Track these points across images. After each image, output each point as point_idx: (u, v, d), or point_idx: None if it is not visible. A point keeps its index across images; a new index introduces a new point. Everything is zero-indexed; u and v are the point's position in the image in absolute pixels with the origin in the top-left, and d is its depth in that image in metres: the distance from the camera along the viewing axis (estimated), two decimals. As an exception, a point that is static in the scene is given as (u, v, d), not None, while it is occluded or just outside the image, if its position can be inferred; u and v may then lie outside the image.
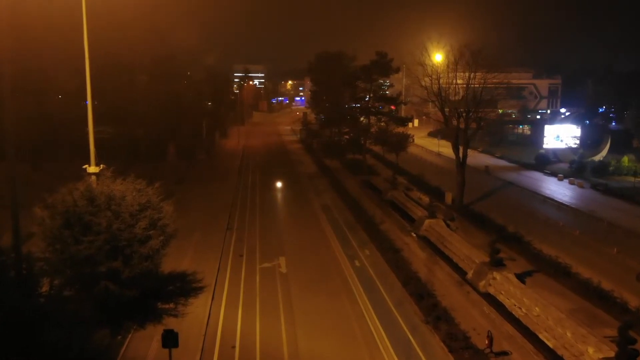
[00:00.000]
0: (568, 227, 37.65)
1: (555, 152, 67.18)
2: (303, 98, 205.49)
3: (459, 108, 40.94)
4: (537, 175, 59.34)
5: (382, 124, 61.21)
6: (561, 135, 69.16)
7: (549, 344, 20.68)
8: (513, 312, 23.51)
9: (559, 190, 50.83)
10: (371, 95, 60.69)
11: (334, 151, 70.28)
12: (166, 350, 17.50)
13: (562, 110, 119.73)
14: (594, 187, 51.43)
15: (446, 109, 42.02)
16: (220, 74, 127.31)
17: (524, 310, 23.14)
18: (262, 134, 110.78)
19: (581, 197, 48.25)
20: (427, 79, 41.61)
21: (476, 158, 63.87)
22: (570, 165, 60.01)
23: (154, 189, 23.23)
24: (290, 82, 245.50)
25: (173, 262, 27.80)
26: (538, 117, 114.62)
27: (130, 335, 21.27)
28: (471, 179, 42.49)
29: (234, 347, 20.83)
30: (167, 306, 24.03)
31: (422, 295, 24.74)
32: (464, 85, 41.34)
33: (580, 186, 52.26)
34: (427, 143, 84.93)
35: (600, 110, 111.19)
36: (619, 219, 39.74)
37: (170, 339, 16.96)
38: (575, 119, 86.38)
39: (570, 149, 67.57)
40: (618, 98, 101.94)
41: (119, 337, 21.16)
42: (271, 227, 37.64)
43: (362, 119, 64.18)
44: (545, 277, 28.18)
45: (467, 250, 29.65)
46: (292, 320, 23.04)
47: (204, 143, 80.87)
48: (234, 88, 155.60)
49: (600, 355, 18.45)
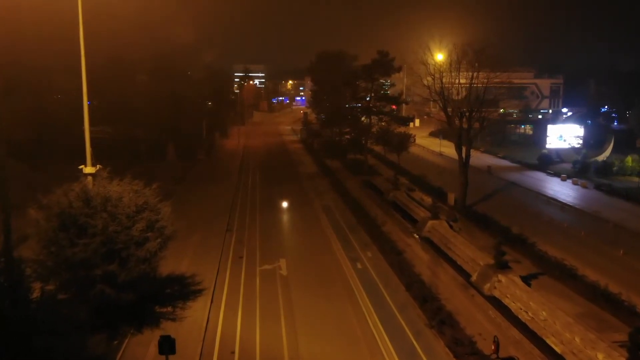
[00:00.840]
0: (573, 228, 37.09)
1: (558, 152, 66.61)
2: (303, 98, 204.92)
3: (462, 108, 40.36)
4: (540, 175, 58.77)
5: (383, 123, 60.71)
6: (564, 135, 68.58)
7: (557, 350, 20.12)
8: (519, 316, 22.94)
9: (562, 190, 50.27)
10: (372, 94, 60.17)
11: (335, 151, 69.77)
12: (163, 356, 16.97)
13: (564, 110, 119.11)
14: (597, 187, 50.87)
15: (449, 109, 41.44)
16: (221, 74, 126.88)
17: (530, 314, 22.58)
18: (263, 133, 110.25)
19: (585, 197, 47.68)
20: (429, 78, 41.05)
21: (478, 158, 63.39)
22: (574, 166, 59.44)
23: (151, 190, 22.68)
24: (290, 81, 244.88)
25: (172, 264, 27.27)
26: (540, 116, 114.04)
27: (127, 341, 20.73)
28: (473, 179, 41.92)
29: (233, 352, 20.29)
30: (165, 310, 23.50)
31: (425, 299, 24.19)
32: (467, 85, 40.78)
33: (584, 186, 51.69)
34: (428, 143, 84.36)
35: (602, 110, 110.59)
36: (624, 219, 39.19)
37: (167, 346, 16.42)
38: (578, 118, 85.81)
39: (573, 149, 67.01)
40: (620, 98, 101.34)
41: (116, 342, 20.62)
42: (271, 229, 37.10)
43: (363, 118, 63.67)
44: (551, 279, 27.65)
45: (471, 252, 29.10)
46: (293, 325, 22.50)
47: (204, 143, 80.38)
48: (235, 88, 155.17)
49: (611, 362, 17.94)
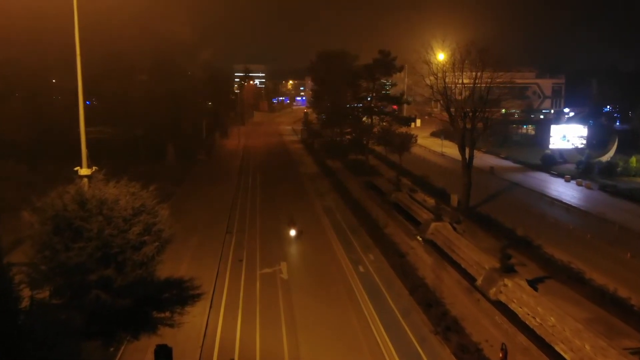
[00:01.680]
0: (578, 230, 36.45)
1: (561, 152, 65.97)
2: (304, 98, 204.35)
3: (465, 107, 39.74)
4: (543, 176, 58.13)
5: (385, 124, 60.14)
6: (568, 135, 67.94)
7: (567, 357, 19.52)
8: (526, 322, 22.33)
9: (566, 191, 49.65)
10: (374, 94, 59.60)
11: (336, 151, 69.19)
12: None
13: (566, 110, 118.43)
14: (602, 188, 50.23)
15: (452, 109, 40.83)
16: (221, 74, 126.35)
17: (538, 320, 21.97)
18: (263, 134, 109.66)
19: (590, 198, 47.06)
20: (432, 78, 40.44)
21: (480, 159, 62.60)
22: (577, 166, 58.80)
23: (149, 192, 22.06)
24: (291, 81, 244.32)
25: (170, 268, 26.65)
26: (541, 116, 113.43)
27: (123, 347, 20.14)
28: (476, 180, 41.32)
29: (232, 359, 19.70)
30: (162, 315, 22.90)
31: (430, 304, 23.58)
32: (470, 85, 40.19)
33: (588, 187, 51.06)
34: (429, 143, 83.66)
35: (605, 110, 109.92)
36: (631, 221, 38.55)
37: (163, 355, 15.78)
38: (581, 118, 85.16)
39: (576, 149, 66.37)
40: (623, 98, 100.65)
41: (112, 349, 20.03)
42: (272, 230, 36.47)
43: (364, 118, 63.10)
44: (557, 283, 27.03)
45: (476, 255, 28.49)
46: (294, 331, 21.90)
47: (204, 143, 79.81)
48: (235, 88, 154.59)
49: (623, 371, 17.33)
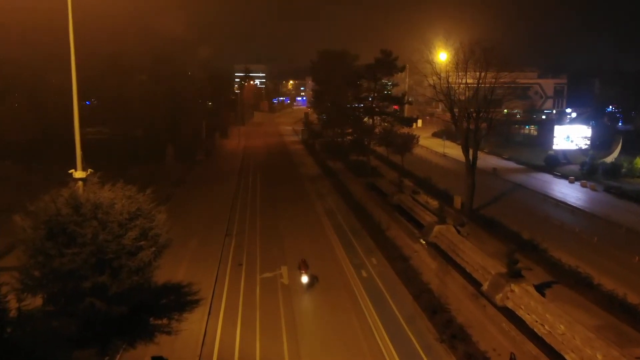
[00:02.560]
0: (585, 233, 35.78)
1: (564, 153, 65.28)
2: (304, 98, 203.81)
3: (469, 108, 39.06)
4: (547, 177, 57.45)
5: (386, 124, 59.45)
6: (571, 135, 67.25)
7: (578, 367, 18.87)
8: (535, 330, 21.65)
9: (571, 193, 48.97)
10: (375, 94, 58.92)
11: (337, 152, 68.50)
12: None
13: (568, 110, 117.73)
14: (607, 190, 49.57)
15: (455, 109, 40.16)
16: (221, 74, 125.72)
17: (547, 327, 21.30)
18: (263, 134, 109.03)
19: (595, 200, 46.37)
20: (435, 78, 39.75)
21: (483, 159, 61.84)
22: (581, 167, 58.08)
23: (145, 196, 21.38)
24: (291, 81, 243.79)
25: (168, 272, 26.00)
26: (543, 117, 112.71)
27: (118, 356, 19.47)
28: (479, 181, 40.59)
29: (231, 369, 19.06)
30: (159, 322, 22.24)
31: (435, 310, 22.91)
32: (474, 85, 39.51)
33: (593, 189, 50.38)
34: (431, 144, 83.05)
35: (607, 110, 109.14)
36: (637, 224, 37.91)
37: (159, 367, 15.16)
38: (585, 119, 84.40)
39: (580, 150, 65.68)
40: (626, 98, 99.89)
41: (107, 357, 19.36)
42: (272, 233, 35.83)
43: (365, 119, 62.42)
44: (565, 288, 26.35)
45: (482, 260, 27.81)
46: (294, 338, 21.23)
47: (204, 144, 79.19)
48: (235, 88, 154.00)
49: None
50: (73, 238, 19.06)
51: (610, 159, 60.00)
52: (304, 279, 25.74)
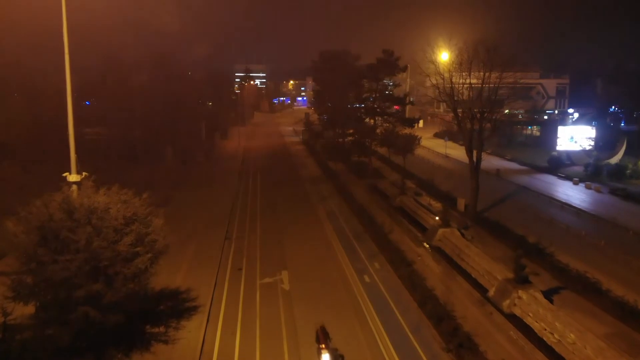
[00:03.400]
0: (591, 236, 35.04)
1: (568, 154, 64.53)
2: (305, 98, 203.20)
3: (473, 109, 38.37)
4: (550, 178, 56.69)
5: (387, 124, 58.70)
6: (575, 136, 66.51)
7: (590, 379, 18.19)
8: (544, 338, 20.97)
9: (576, 195, 48.23)
10: (377, 95, 58.21)
11: (338, 153, 67.78)
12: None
13: (570, 110, 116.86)
14: (612, 191, 48.80)
15: (459, 110, 39.48)
16: (222, 74, 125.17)
17: (556, 336, 20.61)
18: (264, 134, 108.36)
19: (600, 202, 45.61)
20: (438, 78, 39.06)
21: (485, 160, 60.79)
22: (585, 169, 57.31)
23: (141, 200, 20.68)
24: (292, 82, 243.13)
25: (165, 278, 25.33)
26: (545, 117, 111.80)
27: (113, 367, 18.82)
28: (482, 183, 39.87)
29: (230, 380, 18.39)
30: (156, 330, 21.59)
31: (440, 318, 22.21)
32: (478, 85, 38.82)
33: (598, 191, 49.64)
34: (433, 144, 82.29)
35: (610, 110, 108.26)
36: (644, 227, 37.19)
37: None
38: (590, 119, 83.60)
39: (584, 151, 64.92)
40: (629, 98, 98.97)
41: (101, 368, 18.72)
42: (273, 237, 35.14)
43: (367, 119, 61.72)
44: (573, 294, 25.67)
45: (487, 265, 27.12)
46: (295, 347, 20.57)
47: (204, 145, 78.52)
48: (235, 88, 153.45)
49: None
50: (66, 244, 18.40)
51: (614, 160, 59.19)
52: (325, 358, 18.55)
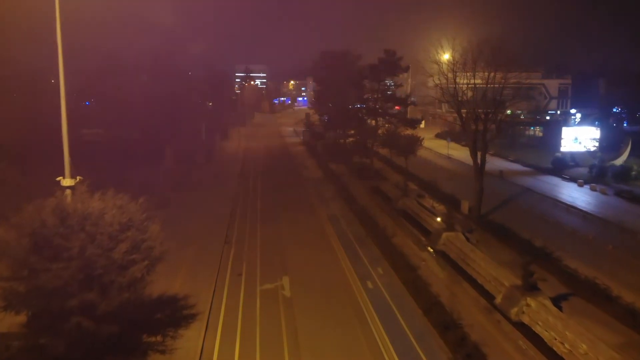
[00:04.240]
0: (599, 240, 34.33)
1: (572, 155, 63.77)
2: (305, 98, 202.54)
3: (478, 109, 37.67)
4: (555, 180, 55.95)
5: (388, 125, 58.03)
6: (579, 137, 65.76)
7: (604, 392, 17.48)
8: (554, 348, 20.26)
9: (581, 197, 47.49)
10: (379, 95, 57.54)
11: (339, 154, 67.11)
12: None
13: (573, 111, 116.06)
14: (618, 194, 48.06)
15: (463, 110, 38.77)
16: (222, 74, 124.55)
17: (567, 346, 19.90)
18: (264, 135, 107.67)
19: (606, 205, 44.87)
20: (442, 78, 38.37)
21: (488, 162, 60.07)
22: (590, 170, 56.54)
23: (138, 205, 19.95)
24: (292, 82, 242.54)
25: (163, 283, 24.60)
26: (547, 117, 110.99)
27: (108, 379, 18.11)
28: (486, 184, 39.10)
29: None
30: (153, 339, 20.87)
31: (447, 326, 21.50)
32: (482, 85, 38.14)
33: (603, 193, 48.90)
34: (435, 145, 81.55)
35: (614, 110, 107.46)
36: (652, 230, 36.48)
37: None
38: (595, 120, 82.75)
39: (588, 152, 64.16)
40: (632, 98, 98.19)
41: (96, 380, 18.01)
42: (273, 240, 34.44)
43: (369, 120, 61.05)
44: (582, 301, 24.96)
45: (494, 270, 26.41)
46: (297, 356, 19.87)
47: (204, 145, 77.82)
48: (236, 88, 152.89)
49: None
50: (59, 252, 17.69)
51: (619, 161, 58.42)
52: None
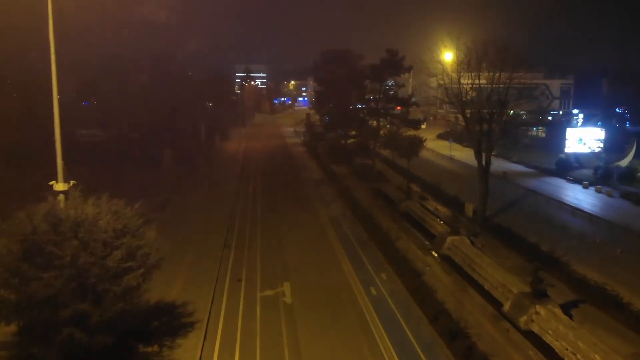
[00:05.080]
0: (607, 244, 33.56)
1: (577, 156, 63.00)
2: (306, 98, 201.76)
3: (483, 110, 36.91)
4: (559, 182, 55.20)
5: (389, 126, 57.24)
6: (584, 138, 64.99)
7: (620, 407, 16.72)
8: (565, 359, 19.51)
9: (586, 199, 46.73)
10: (381, 95, 56.77)
11: (341, 155, 66.34)
12: None
13: (575, 111, 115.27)
14: (624, 196, 47.30)
15: (467, 111, 38.02)
16: (222, 74, 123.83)
17: (579, 357, 19.14)
18: (264, 136, 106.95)
19: (612, 207, 44.12)
20: (446, 78, 37.60)
21: (491, 163, 59.76)
22: (595, 172, 55.77)
23: (134, 210, 19.19)
24: (292, 82, 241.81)
25: (161, 289, 23.91)
26: (549, 118, 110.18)
27: (102, 391, 17.36)
28: (489, 186, 38.23)
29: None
30: (150, 349, 20.14)
31: (454, 335, 20.74)
32: (487, 85, 37.41)
33: (609, 195, 48.12)
34: (436, 146, 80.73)
35: (617, 111, 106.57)
36: (660, 233, 35.74)
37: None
38: (600, 120, 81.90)
39: (592, 153, 63.38)
40: (635, 99, 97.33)
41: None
42: (274, 244, 33.69)
43: (370, 121, 60.27)
44: (593, 309, 24.20)
45: (501, 276, 25.66)
46: (299, 368, 19.15)
47: (203, 146, 77.12)
48: (236, 88, 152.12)
49: None
50: (51, 260, 16.96)
51: (624, 162, 57.63)
52: None
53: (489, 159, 37.90)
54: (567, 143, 64.72)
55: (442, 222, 35.80)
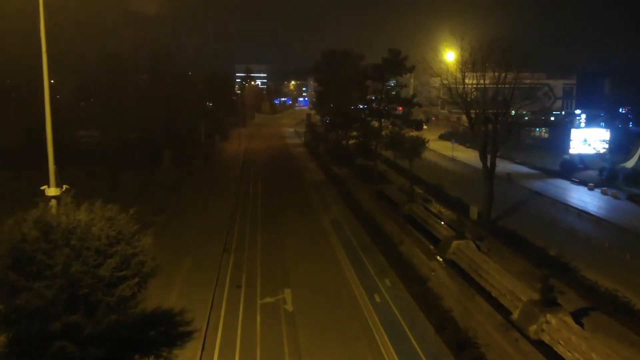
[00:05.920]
0: (615, 248, 32.76)
1: (581, 157, 62.20)
2: (306, 99, 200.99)
3: (487, 110, 36.15)
4: (564, 183, 54.39)
5: (391, 126, 56.44)
6: (589, 139, 64.19)
7: None
8: (579, 372, 18.75)
9: (592, 202, 45.93)
10: (383, 96, 55.96)
11: (342, 156, 65.58)
12: None
13: (577, 111, 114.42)
14: (630, 198, 46.51)
15: (472, 111, 37.26)
16: (222, 74, 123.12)
17: (593, 369, 18.38)
18: (265, 136, 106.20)
19: (619, 210, 43.33)
20: (450, 78, 36.85)
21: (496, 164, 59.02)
22: (600, 173, 54.96)
23: (127, 217, 18.38)
24: (293, 82, 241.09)
25: (159, 295, 23.10)
26: (552, 118, 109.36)
27: (95, 407, 16.57)
28: (494, 188, 37.47)
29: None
30: (146, 360, 19.36)
31: (461, 346, 19.95)
32: (492, 86, 36.65)
33: (615, 197, 47.33)
34: (438, 147, 79.94)
35: (621, 111, 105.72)
36: (669, 237, 34.94)
37: None
38: (601, 121, 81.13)
39: (597, 154, 62.59)
40: (638, 99, 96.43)
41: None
42: (274, 248, 32.92)
43: (372, 121, 59.47)
44: (604, 317, 23.38)
45: (509, 283, 24.90)
46: (301, 380, 18.37)
47: (203, 147, 76.33)
48: (236, 88, 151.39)
49: None
50: (41, 269, 16.19)
51: (630, 164, 56.85)
52: None
53: (494, 160, 37.14)
54: (571, 144, 63.92)
55: (446, 225, 35.01)
